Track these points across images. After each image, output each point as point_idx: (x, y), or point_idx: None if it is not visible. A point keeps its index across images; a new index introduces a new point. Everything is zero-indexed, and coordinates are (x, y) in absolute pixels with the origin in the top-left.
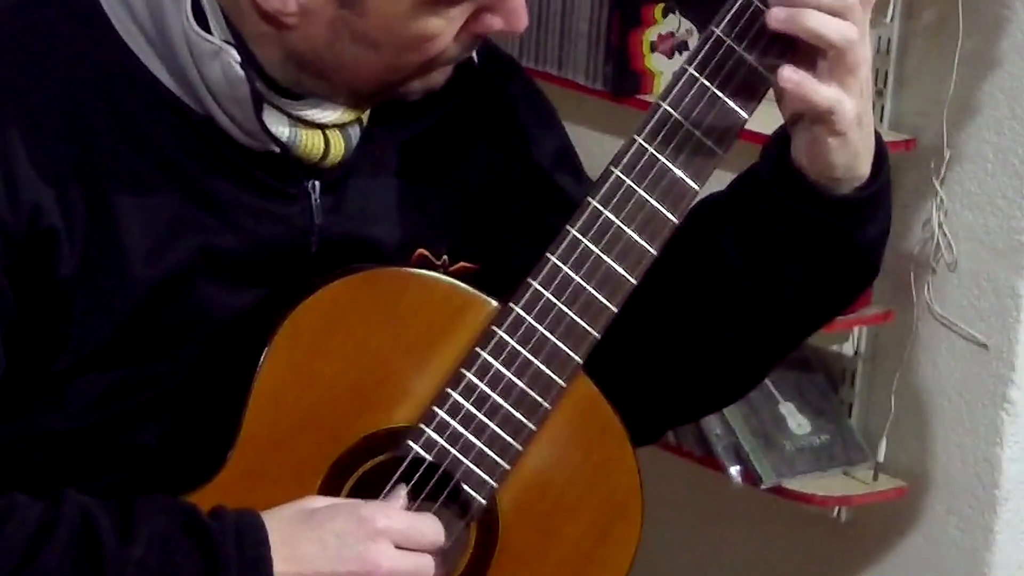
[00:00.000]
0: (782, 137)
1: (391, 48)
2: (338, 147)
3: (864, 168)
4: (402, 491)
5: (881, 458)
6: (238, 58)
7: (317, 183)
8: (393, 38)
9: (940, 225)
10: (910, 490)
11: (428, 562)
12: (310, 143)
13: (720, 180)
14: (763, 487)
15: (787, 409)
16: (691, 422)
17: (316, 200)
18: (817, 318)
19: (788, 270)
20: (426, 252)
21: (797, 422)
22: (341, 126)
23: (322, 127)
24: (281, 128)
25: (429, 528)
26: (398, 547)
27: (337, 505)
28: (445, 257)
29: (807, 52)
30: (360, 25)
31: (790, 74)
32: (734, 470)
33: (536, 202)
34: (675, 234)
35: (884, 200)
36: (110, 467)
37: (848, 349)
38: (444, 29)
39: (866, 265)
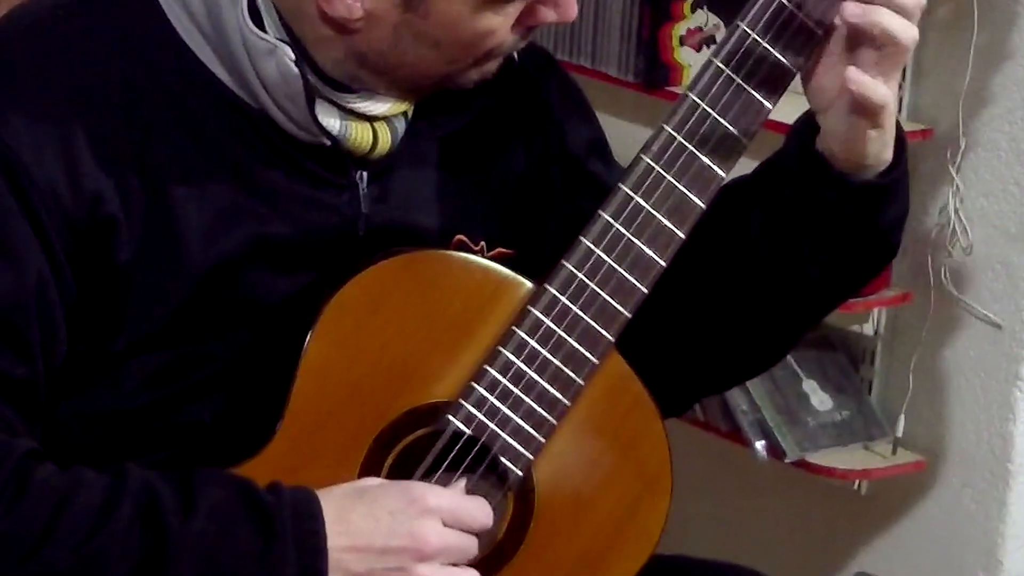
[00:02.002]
0: (806, 124)
1: (452, 45)
2: (385, 140)
3: (889, 154)
4: (461, 481)
5: (899, 433)
6: (292, 56)
7: (364, 174)
8: (454, 37)
9: (956, 211)
10: (927, 464)
11: (472, 542)
12: (360, 136)
13: (743, 167)
14: (787, 461)
15: (810, 387)
16: (717, 393)
17: (363, 190)
18: (838, 296)
19: (812, 252)
20: (464, 238)
21: (819, 399)
22: (388, 119)
23: (371, 119)
24: (332, 121)
25: (478, 509)
26: (447, 526)
27: (389, 484)
28: (483, 243)
29: (836, 46)
30: (423, 26)
31: (856, 75)
32: (759, 445)
33: (571, 189)
34: (703, 217)
35: (904, 184)
36: (164, 442)
37: (868, 329)
38: (501, 24)
39: (886, 245)
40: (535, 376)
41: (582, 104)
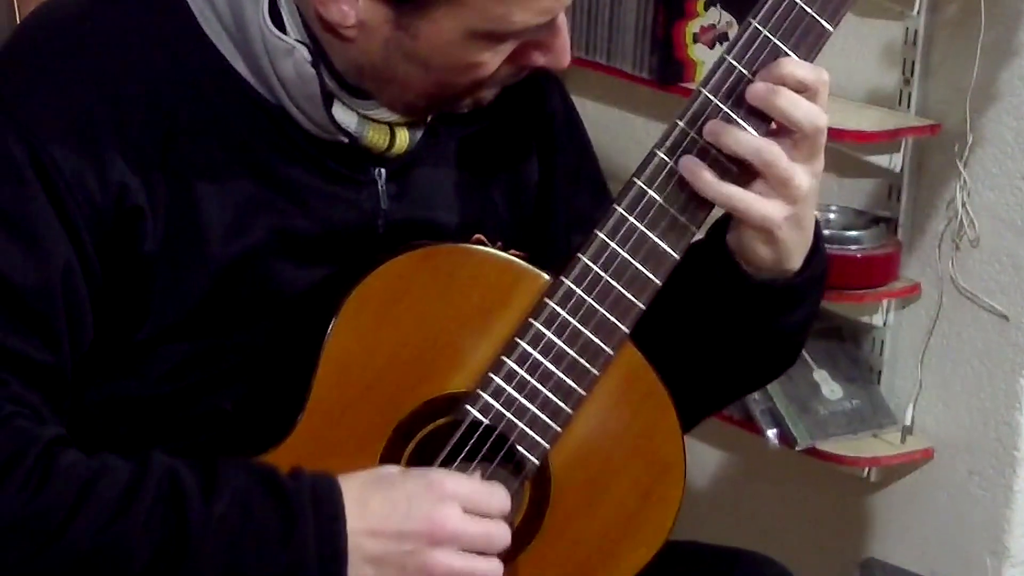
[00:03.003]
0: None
1: (441, 70)
2: (403, 140)
3: (793, 263)
4: (474, 466)
5: (908, 421)
6: (309, 57)
7: (383, 171)
8: (443, 62)
9: (964, 205)
10: (935, 451)
11: (496, 528)
12: (375, 136)
13: None
14: (798, 448)
15: (821, 376)
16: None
17: (382, 187)
18: (741, 383)
19: (713, 332)
20: (483, 237)
21: (830, 388)
22: (406, 124)
23: (389, 124)
24: (349, 120)
25: (495, 495)
26: (466, 512)
27: (408, 471)
28: (500, 243)
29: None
30: (412, 46)
31: (724, 190)
32: (771, 433)
33: (554, 215)
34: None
35: (811, 290)
36: (188, 430)
37: (878, 320)
38: (492, 59)
39: (786, 346)
40: (551, 367)
41: (577, 127)
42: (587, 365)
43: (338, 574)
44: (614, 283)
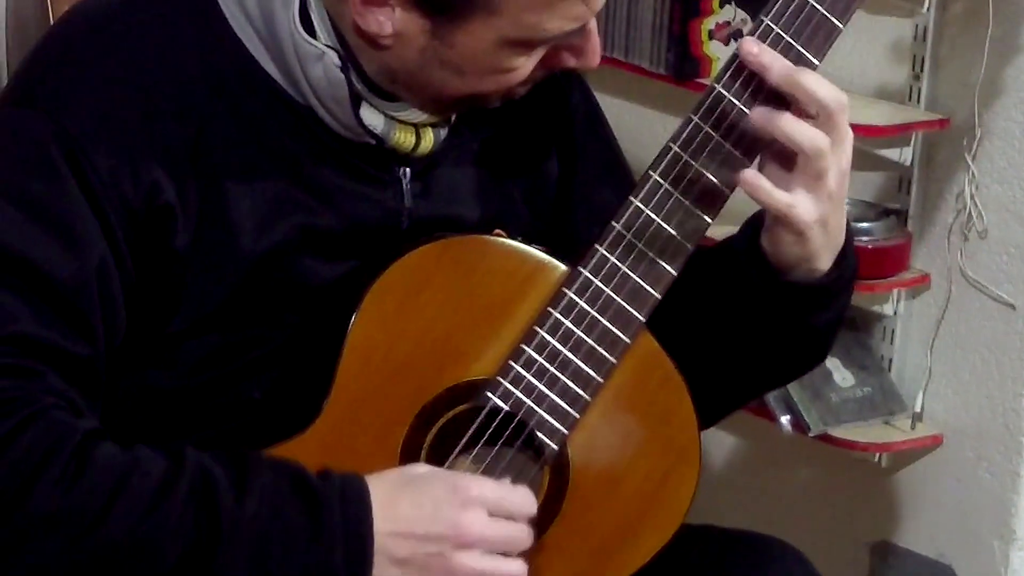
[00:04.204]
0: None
1: (475, 75)
2: (428, 140)
3: (822, 264)
4: (494, 452)
5: (918, 408)
6: (338, 62)
7: (408, 170)
8: (477, 68)
9: (972, 197)
10: (944, 438)
11: (520, 530)
12: (402, 137)
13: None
14: (811, 434)
15: (833, 364)
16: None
17: (407, 185)
18: (768, 379)
19: (743, 329)
20: (502, 232)
21: (842, 376)
22: (432, 124)
23: (415, 125)
24: (376, 122)
25: (521, 498)
26: (491, 515)
27: (436, 473)
28: (520, 237)
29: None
30: (448, 55)
31: (749, 177)
32: (784, 419)
33: (574, 210)
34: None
35: (839, 292)
36: (218, 418)
37: (888, 309)
38: (524, 64)
39: (816, 344)
40: (569, 354)
41: (600, 123)
42: (604, 353)
43: (364, 574)
44: (630, 273)
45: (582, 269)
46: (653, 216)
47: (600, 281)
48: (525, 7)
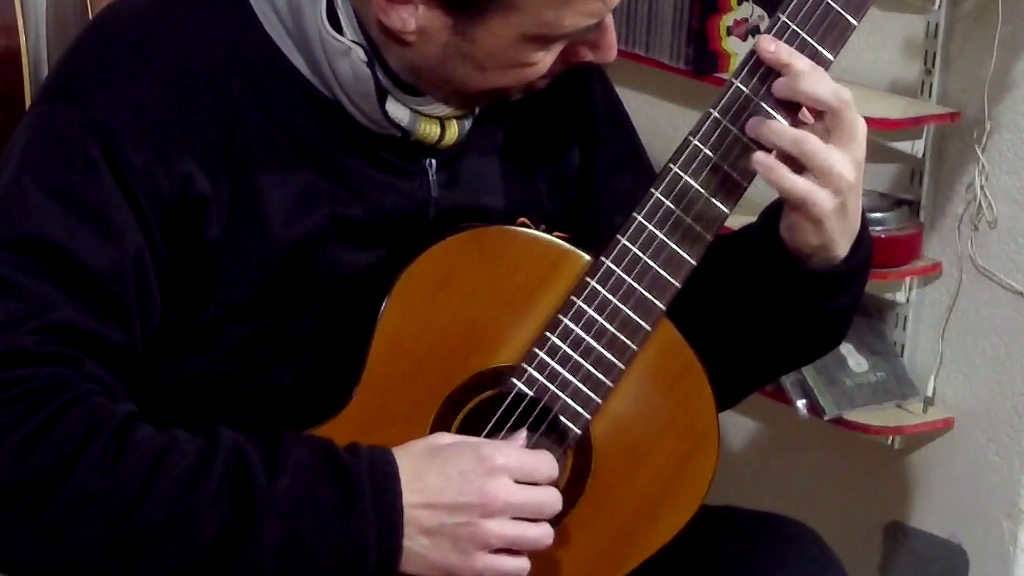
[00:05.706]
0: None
1: (495, 70)
2: (452, 132)
3: (839, 251)
4: (522, 433)
5: (930, 393)
6: (365, 58)
7: (434, 161)
8: (498, 63)
9: (982, 188)
10: (956, 421)
11: (547, 494)
12: (427, 129)
13: None
14: (826, 418)
15: (847, 349)
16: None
17: (432, 176)
18: (784, 363)
19: (760, 315)
20: (527, 220)
21: (856, 361)
22: (456, 117)
23: (439, 117)
24: (402, 115)
25: (544, 463)
26: (517, 482)
27: (461, 443)
28: (543, 226)
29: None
30: (470, 50)
31: (765, 160)
32: (800, 403)
33: (596, 200)
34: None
35: (855, 278)
36: (250, 404)
37: (901, 297)
38: (544, 59)
39: (831, 330)
40: (592, 342)
41: (620, 115)
42: (626, 340)
43: (395, 546)
44: (651, 263)
45: (604, 259)
46: (673, 208)
47: (622, 270)
48: (544, 4)
